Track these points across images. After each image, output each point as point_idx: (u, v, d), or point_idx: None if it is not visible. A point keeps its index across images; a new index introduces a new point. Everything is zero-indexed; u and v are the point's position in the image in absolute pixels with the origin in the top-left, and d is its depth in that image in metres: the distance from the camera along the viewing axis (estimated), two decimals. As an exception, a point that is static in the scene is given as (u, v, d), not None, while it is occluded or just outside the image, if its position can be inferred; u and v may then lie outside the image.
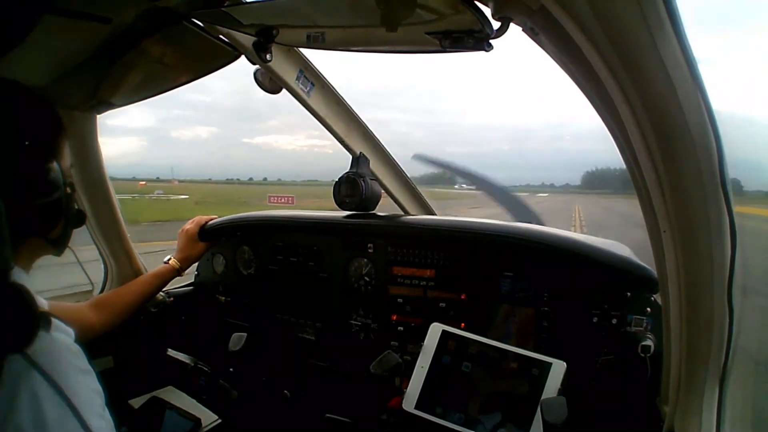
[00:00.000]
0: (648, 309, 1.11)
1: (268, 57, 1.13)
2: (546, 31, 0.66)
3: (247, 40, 1.14)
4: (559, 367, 1.01)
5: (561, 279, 1.20)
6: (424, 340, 1.14)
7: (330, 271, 1.51)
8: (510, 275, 1.25)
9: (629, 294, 1.12)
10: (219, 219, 1.67)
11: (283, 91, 1.44)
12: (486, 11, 0.73)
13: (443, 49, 0.86)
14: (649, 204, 0.73)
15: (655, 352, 1.04)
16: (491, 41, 0.81)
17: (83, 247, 1.60)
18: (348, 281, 1.48)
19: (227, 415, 1.46)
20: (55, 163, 0.77)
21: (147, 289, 1.44)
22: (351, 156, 1.53)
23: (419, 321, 1.35)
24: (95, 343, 1.24)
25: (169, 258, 1.54)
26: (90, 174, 1.54)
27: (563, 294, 1.19)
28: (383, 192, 1.61)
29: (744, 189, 0.99)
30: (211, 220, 1.66)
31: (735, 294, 0.70)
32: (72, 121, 1.44)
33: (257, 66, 1.34)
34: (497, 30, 0.76)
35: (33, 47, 1.08)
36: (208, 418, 1.42)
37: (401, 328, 1.38)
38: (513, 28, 0.72)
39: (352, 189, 1.44)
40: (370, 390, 1.31)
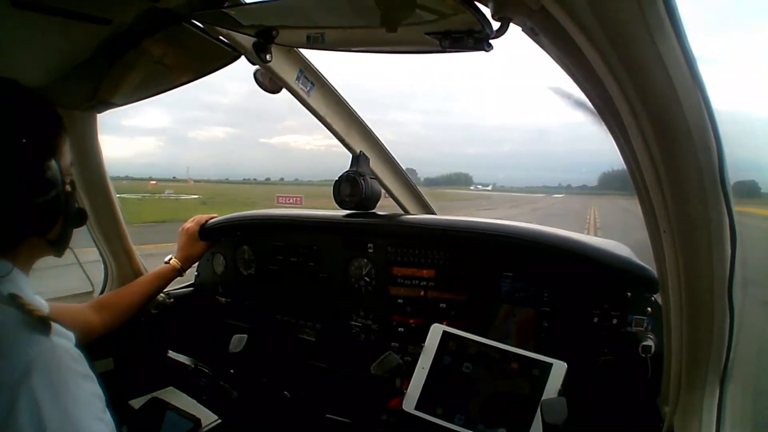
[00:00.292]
0: (648, 309, 1.10)
1: (267, 57, 1.13)
2: (546, 32, 0.66)
3: (247, 40, 1.14)
4: (560, 368, 1.01)
5: (561, 279, 1.20)
6: (424, 340, 1.14)
7: (330, 271, 1.51)
8: (510, 275, 1.25)
9: (629, 294, 1.12)
10: (219, 218, 1.67)
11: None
12: (486, 11, 0.73)
13: (443, 50, 0.86)
14: (649, 204, 0.73)
15: (656, 352, 1.04)
16: (491, 41, 0.81)
17: (84, 249, 1.60)
18: (348, 281, 1.48)
19: (227, 416, 1.46)
20: (54, 162, 0.77)
21: (148, 290, 1.44)
22: (351, 155, 1.53)
23: (420, 322, 1.35)
24: (96, 345, 1.24)
25: (170, 258, 1.54)
26: (90, 173, 1.54)
27: (563, 294, 1.19)
28: (383, 192, 1.61)
29: (762, 191, 0.98)
30: (212, 218, 1.66)
31: (735, 294, 0.70)
32: (72, 121, 1.44)
33: (257, 66, 1.35)
34: (497, 30, 0.76)
35: (33, 47, 1.08)
36: (208, 418, 1.42)
37: (402, 328, 1.38)
38: (513, 28, 0.72)
39: (352, 188, 1.44)
40: (370, 391, 1.31)
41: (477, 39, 0.80)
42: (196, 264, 1.73)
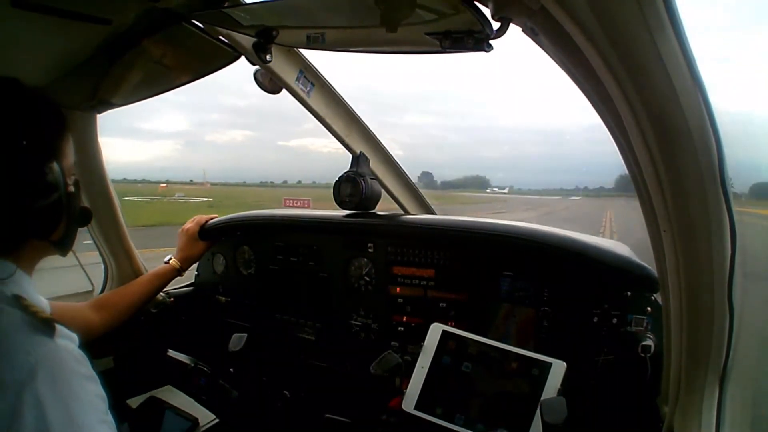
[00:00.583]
0: (648, 309, 1.10)
1: (267, 58, 1.13)
2: (546, 32, 0.66)
3: (247, 40, 1.14)
4: (559, 367, 1.01)
5: (561, 279, 1.20)
6: (424, 340, 1.14)
7: (330, 271, 1.51)
8: (510, 275, 1.25)
9: (629, 294, 1.12)
10: (219, 218, 1.67)
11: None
12: (486, 11, 0.73)
13: (443, 50, 0.86)
14: (649, 204, 0.73)
15: (655, 351, 1.04)
16: (491, 42, 0.81)
17: (86, 254, 1.60)
18: (348, 281, 1.48)
19: (227, 415, 1.46)
20: (55, 164, 0.76)
21: (148, 289, 1.44)
22: (351, 155, 1.53)
23: (419, 321, 1.35)
24: (95, 344, 1.24)
25: (170, 258, 1.54)
26: (90, 174, 1.54)
27: (563, 294, 1.19)
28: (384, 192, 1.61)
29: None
30: (211, 219, 1.66)
31: (735, 294, 0.70)
32: (72, 121, 1.44)
33: (257, 66, 1.35)
34: (497, 30, 0.76)
35: (33, 47, 1.08)
36: (205, 417, 1.42)
37: (401, 328, 1.38)
38: (513, 28, 0.72)
39: (352, 188, 1.44)
40: (370, 390, 1.31)
41: (477, 39, 0.80)
42: (196, 263, 1.73)
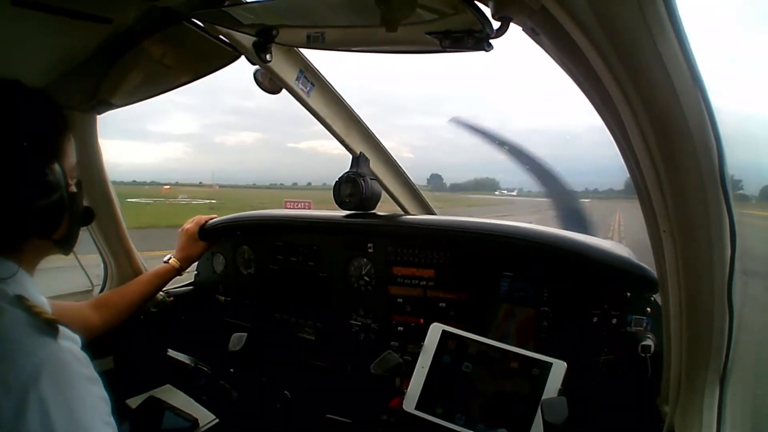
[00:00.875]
0: (648, 309, 1.11)
1: (268, 57, 1.13)
2: (546, 32, 0.66)
3: (247, 40, 1.14)
4: (560, 367, 1.01)
5: (561, 279, 1.20)
6: (424, 340, 1.14)
7: (330, 271, 1.51)
8: (510, 275, 1.25)
9: (629, 294, 1.12)
10: (219, 218, 1.67)
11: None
12: (486, 11, 0.73)
13: (443, 49, 0.86)
14: (649, 204, 0.73)
15: (655, 352, 1.04)
16: (491, 41, 0.81)
17: (87, 256, 1.59)
18: (348, 281, 1.48)
19: (227, 415, 1.46)
20: (56, 164, 0.76)
21: (147, 289, 1.44)
22: (351, 156, 1.53)
23: (419, 321, 1.35)
24: (96, 344, 1.24)
25: (169, 257, 1.54)
26: (90, 174, 1.54)
27: (563, 294, 1.19)
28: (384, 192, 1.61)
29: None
30: (211, 219, 1.66)
31: (735, 294, 0.70)
32: (72, 121, 1.44)
33: (257, 66, 1.35)
34: (497, 30, 0.76)
35: (33, 47, 1.08)
36: (205, 417, 1.42)
37: (401, 328, 1.38)
38: (513, 28, 0.72)
39: (352, 188, 1.44)
40: (370, 390, 1.31)
41: (477, 39, 0.80)
42: (195, 263, 1.73)
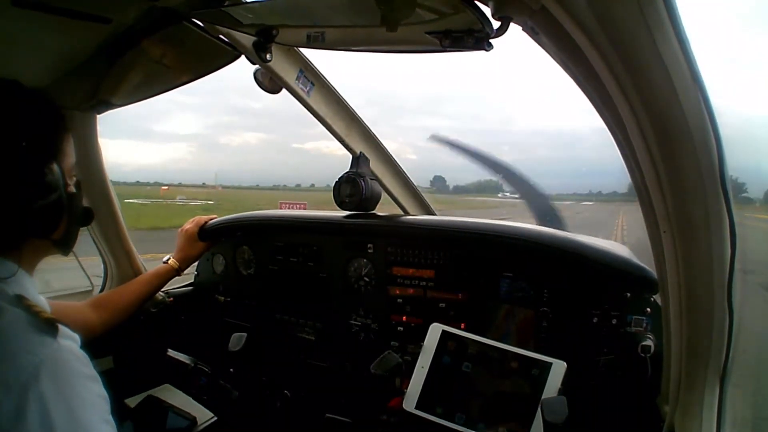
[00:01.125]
0: (648, 309, 1.11)
1: (268, 57, 1.13)
2: (546, 31, 0.66)
3: (247, 39, 1.14)
4: (560, 367, 1.01)
5: (560, 279, 1.20)
6: (424, 340, 1.14)
7: (330, 271, 1.51)
8: (509, 275, 1.25)
9: (629, 294, 1.12)
10: (218, 219, 1.67)
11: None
12: (486, 11, 0.73)
13: (443, 49, 0.86)
14: (649, 204, 0.73)
15: (655, 352, 1.04)
16: (491, 41, 0.81)
17: (88, 258, 1.59)
18: (348, 281, 1.48)
19: (227, 415, 1.46)
20: (55, 164, 0.76)
21: (147, 289, 1.44)
22: (352, 156, 1.53)
23: (419, 321, 1.35)
24: (95, 344, 1.24)
25: (169, 258, 1.54)
26: (90, 174, 1.54)
27: (563, 294, 1.19)
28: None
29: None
30: (211, 219, 1.66)
31: (735, 294, 0.70)
32: (72, 121, 1.44)
33: (257, 66, 1.35)
34: (497, 30, 0.76)
35: (33, 47, 1.08)
36: (204, 416, 1.42)
37: (401, 328, 1.38)
38: (513, 27, 0.72)
39: (352, 189, 1.44)
40: (370, 390, 1.31)
41: (477, 38, 0.80)
42: (195, 263, 1.73)
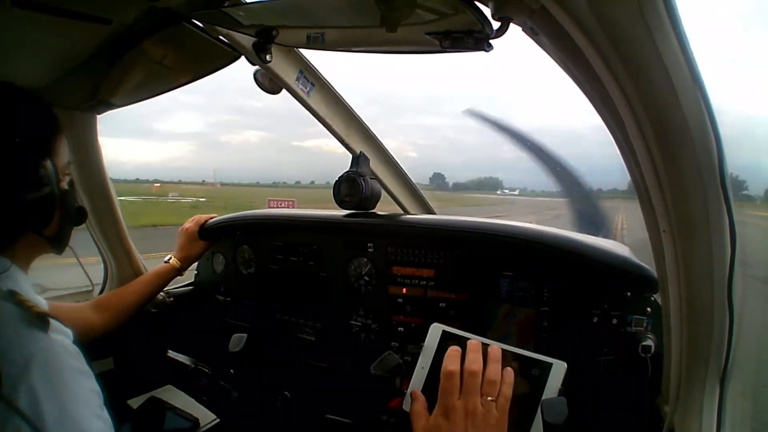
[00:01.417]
0: (648, 309, 1.11)
1: (267, 58, 1.13)
2: (546, 32, 0.66)
3: (247, 40, 1.14)
4: (560, 368, 1.00)
5: (561, 279, 1.20)
6: (424, 340, 1.14)
7: (330, 271, 1.51)
8: (510, 275, 1.25)
9: (629, 294, 1.12)
10: (218, 218, 1.67)
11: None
12: (486, 11, 0.73)
13: (443, 50, 0.86)
14: (649, 204, 0.73)
15: (656, 352, 1.04)
16: (491, 41, 0.81)
17: (88, 259, 1.58)
18: (348, 281, 1.48)
19: (227, 416, 1.46)
20: (48, 161, 0.78)
21: (148, 289, 1.45)
22: (351, 155, 1.53)
23: (419, 321, 1.35)
24: (96, 345, 1.24)
25: (170, 257, 1.54)
26: (90, 174, 1.54)
27: (563, 294, 1.19)
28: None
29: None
30: (211, 218, 1.66)
31: (735, 293, 0.70)
32: (72, 121, 1.44)
33: (257, 67, 1.35)
34: (497, 30, 0.76)
35: (33, 47, 1.08)
36: (206, 417, 1.42)
37: (401, 328, 1.38)
38: (513, 27, 0.72)
39: (352, 188, 1.44)
40: (370, 390, 1.31)
41: (477, 39, 0.80)
42: (195, 263, 1.73)
